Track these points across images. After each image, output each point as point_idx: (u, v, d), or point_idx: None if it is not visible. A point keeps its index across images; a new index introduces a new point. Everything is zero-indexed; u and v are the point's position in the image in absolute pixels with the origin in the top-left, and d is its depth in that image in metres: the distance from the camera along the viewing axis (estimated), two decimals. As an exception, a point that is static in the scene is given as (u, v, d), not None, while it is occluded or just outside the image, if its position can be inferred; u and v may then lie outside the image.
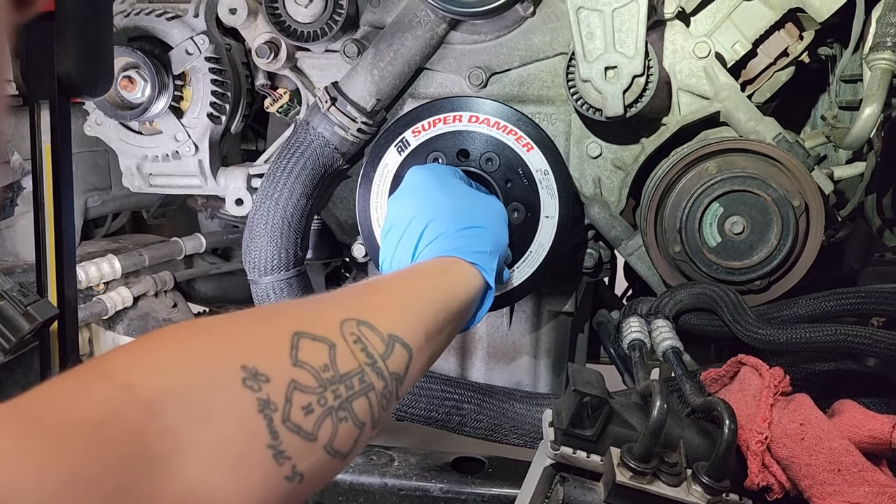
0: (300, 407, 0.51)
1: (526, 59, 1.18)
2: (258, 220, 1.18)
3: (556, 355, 1.37)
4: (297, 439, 0.51)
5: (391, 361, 0.62)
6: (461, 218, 0.90)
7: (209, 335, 0.52)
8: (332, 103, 1.17)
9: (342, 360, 0.57)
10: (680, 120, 1.15)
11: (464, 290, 0.82)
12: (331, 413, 0.54)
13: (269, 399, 0.49)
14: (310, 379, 0.53)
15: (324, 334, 0.57)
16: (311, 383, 0.53)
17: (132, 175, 1.34)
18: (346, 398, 0.56)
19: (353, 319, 0.61)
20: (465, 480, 1.19)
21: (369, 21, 1.21)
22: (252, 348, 0.52)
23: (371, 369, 0.59)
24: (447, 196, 0.94)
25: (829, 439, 0.78)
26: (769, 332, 0.95)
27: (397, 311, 0.68)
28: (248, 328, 0.55)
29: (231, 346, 0.52)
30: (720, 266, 1.06)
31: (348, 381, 0.56)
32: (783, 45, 1.19)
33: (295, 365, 0.53)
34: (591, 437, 0.81)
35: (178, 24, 1.26)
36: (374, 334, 0.61)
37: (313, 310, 0.62)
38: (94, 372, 0.45)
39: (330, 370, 0.55)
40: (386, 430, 2.45)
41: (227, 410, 0.47)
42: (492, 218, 0.95)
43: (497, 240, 0.93)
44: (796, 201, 1.03)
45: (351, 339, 0.59)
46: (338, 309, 0.62)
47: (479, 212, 0.94)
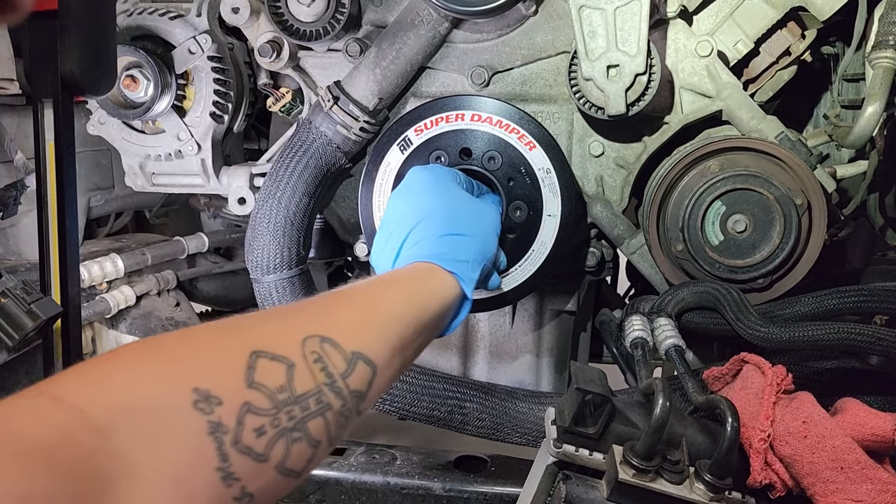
0: (252, 429, 0.51)
1: (528, 57, 1.18)
2: (261, 219, 1.18)
3: (558, 354, 1.37)
4: (248, 461, 0.51)
5: (352, 379, 0.61)
6: (447, 223, 0.90)
7: (161, 356, 0.52)
8: (334, 102, 1.17)
9: (300, 380, 0.56)
10: (682, 118, 1.15)
11: (438, 301, 0.80)
12: (284, 434, 0.54)
13: (221, 422, 0.49)
14: (264, 401, 0.53)
15: (283, 353, 0.56)
16: (265, 405, 0.53)
17: (135, 174, 1.34)
18: (301, 419, 0.55)
19: (317, 336, 0.60)
20: (467, 479, 1.19)
21: (371, 20, 1.21)
22: (206, 370, 0.51)
23: (329, 389, 0.59)
24: (439, 199, 0.93)
25: (832, 437, 0.78)
26: (772, 330, 0.95)
27: (363, 327, 0.67)
28: (205, 348, 0.54)
29: (184, 367, 0.51)
30: (723, 264, 1.06)
31: (304, 401, 0.56)
32: (785, 44, 1.19)
33: (249, 387, 0.52)
34: (594, 435, 0.81)
35: (181, 23, 1.26)
36: (336, 352, 0.61)
37: (276, 326, 0.61)
38: (45, 396, 0.44)
39: (286, 391, 0.55)
40: (388, 429, 2.46)
41: (177, 433, 0.47)
42: (480, 226, 0.94)
43: (481, 249, 0.92)
44: (799, 200, 1.03)
45: (311, 358, 0.58)
46: (302, 324, 0.62)
47: (467, 218, 0.93)
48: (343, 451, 1.27)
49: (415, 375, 1.20)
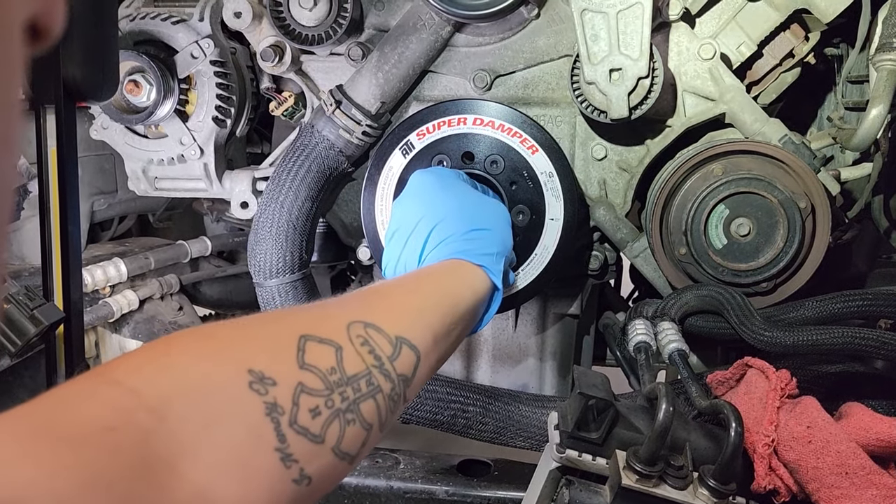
0: (307, 410, 0.51)
1: (530, 61, 1.18)
2: (263, 223, 1.18)
3: (561, 358, 1.36)
4: (305, 442, 0.51)
5: (399, 363, 0.62)
6: (467, 220, 0.90)
7: (215, 340, 0.52)
8: (336, 106, 1.17)
9: (349, 362, 0.57)
10: (685, 122, 1.15)
11: (471, 293, 0.82)
12: (338, 415, 0.54)
13: (276, 402, 0.49)
14: (317, 381, 0.53)
15: (330, 337, 0.57)
16: (319, 386, 0.53)
17: (138, 179, 1.34)
18: (354, 400, 0.56)
19: (360, 322, 0.61)
20: (470, 483, 1.19)
21: (374, 24, 1.21)
22: (258, 352, 0.52)
23: (378, 371, 0.59)
24: (453, 198, 0.93)
25: (837, 442, 0.78)
26: (776, 334, 0.95)
27: (404, 314, 0.68)
28: (255, 332, 0.55)
29: (237, 349, 0.52)
30: (726, 268, 1.05)
31: (355, 383, 0.56)
32: (789, 47, 1.19)
33: (302, 368, 0.53)
34: (597, 440, 0.81)
35: (184, 27, 1.26)
36: (381, 336, 0.61)
37: (319, 313, 0.62)
38: (102, 378, 0.45)
39: (337, 372, 0.55)
40: (391, 432, 2.45)
41: (234, 414, 0.47)
42: (497, 220, 0.95)
43: (503, 241, 0.93)
44: (802, 203, 1.02)
45: (358, 342, 0.59)
46: (344, 312, 0.62)
47: (485, 214, 0.93)
48: (346, 455, 1.26)
49: (418, 379, 1.20)
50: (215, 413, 0.46)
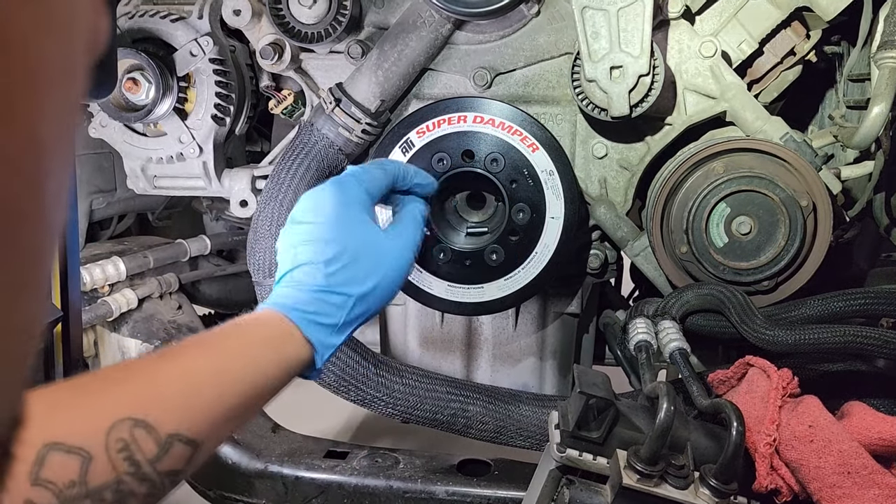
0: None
1: (531, 59, 1.18)
2: (263, 221, 1.17)
3: (561, 357, 1.36)
4: None
5: (164, 463, 0.58)
6: (334, 277, 0.78)
7: None
8: (336, 104, 1.17)
9: (96, 472, 0.54)
10: (686, 120, 1.15)
11: (286, 367, 0.73)
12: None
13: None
14: (49, 498, 0.51)
15: (82, 445, 0.54)
16: (49, 502, 0.51)
17: (137, 177, 1.34)
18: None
19: (130, 420, 0.57)
20: (470, 483, 1.18)
21: (373, 22, 1.21)
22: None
23: (133, 477, 0.56)
24: (336, 234, 0.80)
25: (839, 441, 0.77)
26: (777, 333, 0.94)
27: (195, 406, 0.62)
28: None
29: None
30: (727, 267, 1.05)
31: (98, 494, 0.54)
32: (790, 45, 1.19)
33: (34, 484, 0.51)
34: (598, 440, 0.81)
35: (183, 25, 1.26)
36: (148, 438, 0.57)
37: (85, 410, 0.56)
38: None
39: (76, 486, 0.53)
40: (390, 432, 2.45)
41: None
42: (368, 280, 0.81)
43: (366, 307, 0.81)
44: (804, 201, 1.02)
45: (115, 447, 0.55)
46: (118, 405, 0.57)
47: (359, 272, 0.80)
48: (346, 454, 1.26)
49: (418, 379, 1.20)
50: None
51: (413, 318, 1.37)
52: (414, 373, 1.21)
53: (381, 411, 1.20)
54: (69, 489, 0.52)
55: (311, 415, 1.90)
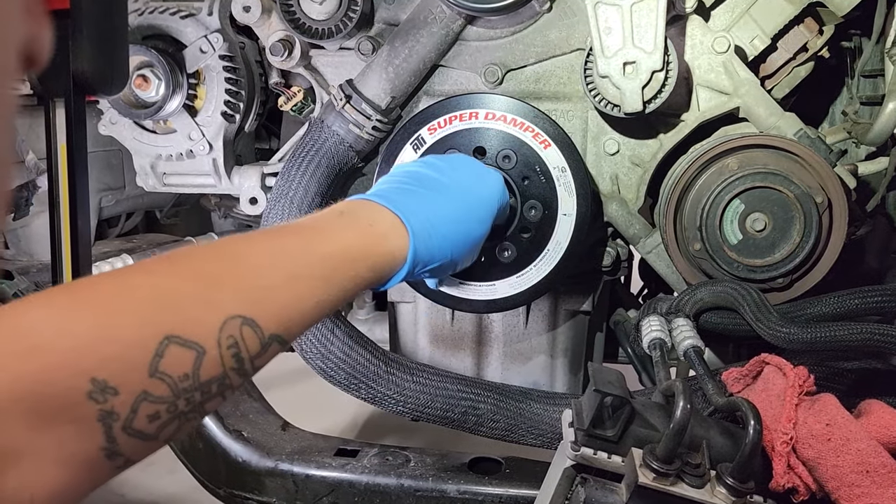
0: (145, 415, 0.52)
1: (542, 55, 1.17)
2: (273, 219, 1.17)
3: (573, 355, 1.35)
4: (136, 441, 0.52)
5: (262, 359, 0.61)
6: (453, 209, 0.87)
7: (69, 333, 0.51)
8: (346, 101, 1.16)
9: (207, 367, 0.56)
10: (699, 116, 1.14)
11: (376, 281, 0.79)
12: (178, 417, 0.54)
13: (113, 410, 0.50)
14: (164, 389, 0.53)
15: (197, 338, 0.55)
16: (164, 393, 0.53)
17: (146, 174, 1.34)
18: (200, 402, 0.56)
19: (240, 318, 0.59)
20: (482, 481, 1.18)
21: (384, 18, 1.20)
22: (110, 359, 0.51)
23: (236, 373, 0.58)
24: (471, 212, 0.91)
25: (857, 440, 0.76)
26: (793, 330, 0.94)
27: (296, 312, 0.65)
28: (116, 332, 0.53)
29: (89, 355, 0.50)
30: (741, 264, 1.04)
31: (207, 387, 0.56)
32: (803, 40, 1.18)
33: (152, 376, 0.52)
34: (613, 438, 0.80)
35: (192, 22, 1.26)
36: (254, 336, 0.60)
37: (202, 303, 0.59)
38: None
39: (189, 379, 0.54)
40: (398, 429, 2.44)
41: (65, 419, 0.48)
42: (459, 251, 0.89)
43: (454, 256, 0.88)
44: (819, 198, 1.01)
45: (226, 344, 0.57)
46: (231, 302, 0.60)
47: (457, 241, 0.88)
48: (356, 452, 1.26)
49: (428, 376, 1.19)
50: (45, 418, 0.47)
51: (423, 315, 1.36)
52: (424, 370, 1.21)
53: (392, 409, 1.19)
54: (182, 382, 0.54)
55: (318, 411, 1.90)
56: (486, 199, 0.94)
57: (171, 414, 0.53)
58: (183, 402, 0.54)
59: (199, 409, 0.56)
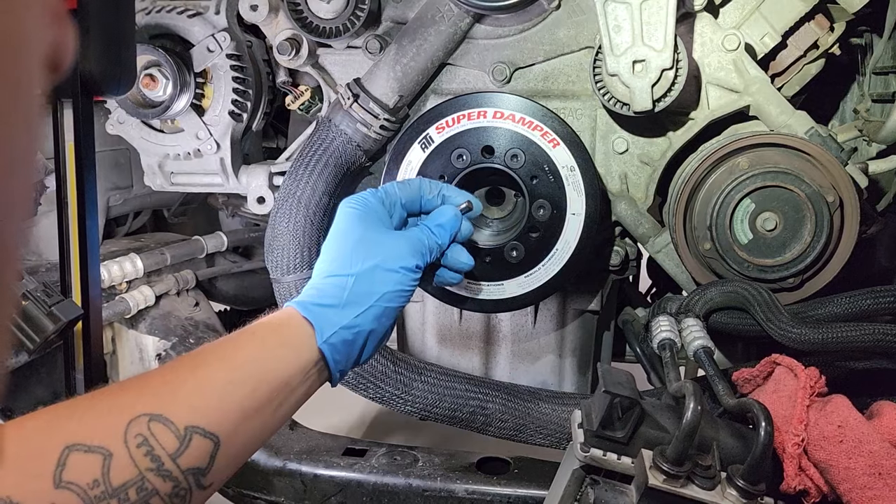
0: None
1: (550, 53, 1.16)
2: (280, 218, 1.17)
3: (581, 354, 1.35)
4: None
5: (186, 458, 0.59)
6: (332, 262, 0.80)
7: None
8: (354, 100, 1.16)
9: (118, 470, 0.55)
10: (709, 114, 1.13)
11: (295, 361, 0.72)
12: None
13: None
14: (73, 499, 0.52)
15: (101, 442, 0.55)
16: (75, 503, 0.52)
17: (154, 173, 1.34)
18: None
19: (145, 415, 0.57)
20: (490, 481, 1.18)
21: (391, 17, 1.20)
22: (11, 473, 0.51)
23: (155, 474, 0.57)
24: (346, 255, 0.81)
25: (869, 442, 0.76)
26: (804, 331, 0.93)
27: (200, 397, 0.62)
28: (17, 448, 0.53)
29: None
30: (752, 263, 1.03)
31: (123, 492, 0.55)
32: (813, 38, 1.17)
33: (57, 487, 0.51)
34: (622, 439, 0.80)
35: (200, 21, 1.25)
36: (166, 431, 0.58)
37: (101, 410, 0.58)
38: None
39: (101, 485, 0.53)
40: (405, 428, 2.44)
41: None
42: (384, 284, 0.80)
43: (371, 288, 0.79)
44: (830, 197, 1.00)
45: (135, 443, 0.56)
46: (132, 403, 0.59)
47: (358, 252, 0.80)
48: (364, 452, 1.26)
49: (436, 376, 1.19)
50: None
51: (431, 315, 1.36)
52: (432, 370, 1.20)
53: (400, 409, 1.19)
54: (92, 489, 0.53)
55: (326, 411, 1.90)
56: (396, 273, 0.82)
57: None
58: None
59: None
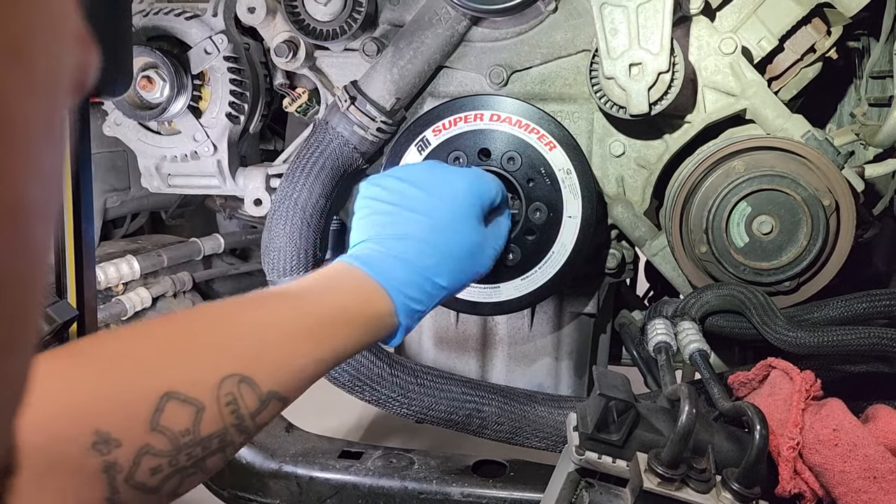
0: (148, 468, 0.53)
1: (547, 56, 1.17)
2: (277, 220, 1.17)
3: (577, 357, 1.35)
4: (139, 494, 0.53)
5: (262, 417, 0.62)
6: (438, 265, 0.83)
7: (72, 391, 0.53)
8: (351, 102, 1.16)
9: (207, 422, 0.57)
10: (705, 118, 1.13)
11: (372, 342, 0.78)
12: (180, 471, 0.56)
13: (116, 462, 0.51)
14: (165, 443, 0.54)
15: (196, 395, 0.57)
16: (165, 447, 0.54)
17: (151, 175, 1.34)
18: (201, 457, 0.57)
19: (236, 376, 0.61)
20: (486, 484, 1.17)
21: (389, 19, 1.20)
22: (112, 411, 0.53)
23: (236, 429, 0.60)
24: (454, 232, 0.86)
25: (864, 445, 0.76)
26: (799, 334, 0.93)
27: (291, 369, 0.66)
28: (118, 387, 0.55)
29: (92, 407, 0.53)
30: (748, 267, 1.04)
31: (207, 442, 0.57)
32: (810, 41, 1.17)
33: (153, 430, 0.54)
34: (617, 442, 0.79)
35: (197, 23, 1.25)
36: (252, 393, 0.61)
37: (197, 362, 0.60)
38: None
39: (190, 434, 0.56)
40: (402, 431, 2.44)
41: (71, 470, 0.49)
42: (462, 278, 0.88)
43: (442, 299, 0.86)
44: (826, 200, 1.00)
45: (224, 401, 0.59)
46: (225, 361, 0.61)
47: (457, 268, 0.86)
48: (360, 454, 1.26)
49: (432, 379, 1.19)
50: (52, 467, 0.48)
51: (427, 317, 1.35)
52: (429, 373, 1.20)
53: (396, 411, 1.19)
54: (183, 436, 0.56)
55: (322, 413, 1.89)
56: (469, 213, 0.88)
57: (172, 468, 0.55)
58: (184, 457, 0.56)
59: (200, 465, 0.57)
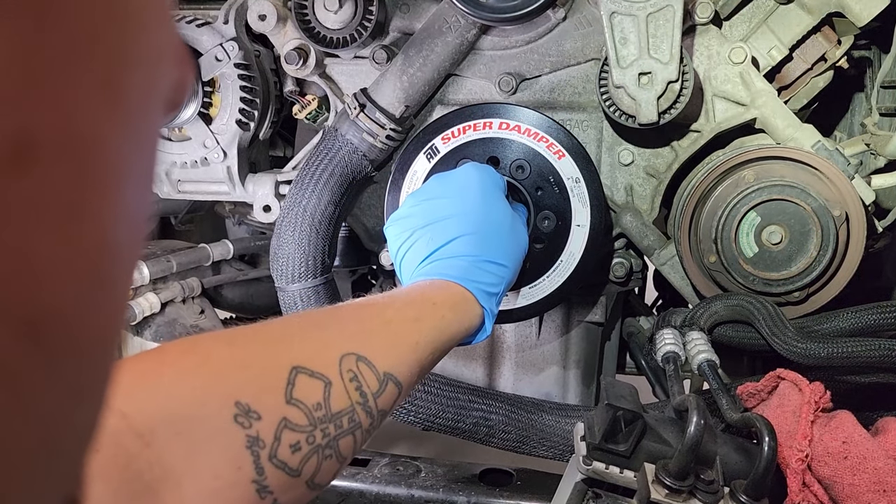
0: (288, 445, 0.53)
1: (557, 64, 1.17)
2: (286, 227, 1.17)
3: (585, 366, 1.34)
4: (282, 475, 0.53)
5: (382, 400, 0.63)
6: (491, 247, 0.88)
7: (207, 365, 0.53)
8: (360, 110, 1.16)
9: (336, 398, 0.58)
10: (715, 127, 1.13)
11: (465, 332, 0.81)
12: (317, 451, 0.56)
13: (259, 436, 0.51)
14: (301, 417, 0.55)
15: (321, 370, 0.58)
16: (302, 422, 0.55)
17: (161, 181, 1.34)
18: (334, 437, 0.57)
19: (354, 355, 0.62)
20: (493, 493, 1.17)
21: (399, 27, 1.20)
22: (248, 383, 0.53)
23: (362, 408, 0.61)
24: (488, 214, 0.91)
25: (874, 458, 0.75)
26: (809, 345, 0.92)
27: (399, 349, 0.68)
28: (248, 359, 0.56)
29: (227, 379, 0.53)
30: (757, 277, 1.03)
31: (338, 419, 0.58)
32: (821, 51, 1.16)
33: (288, 403, 0.54)
34: (625, 453, 0.79)
35: (208, 30, 1.26)
36: (371, 372, 0.63)
37: (317, 340, 0.63)
38: None
39: (322, 409, 0.57)
40: (409, 438, 2.43)
41: (216, 446, 0.49)
42: (517, 255, 0.93)
43: (511, 280, 0.91)
44: (837, 211, 1.00)
45: (347, 377, 0.60)
46: (341, 341, 0.63)
47: (509, 245, 0.91)
48: (367, 462, 1.25)
49: (440, 386, 1.19)
50: (199, 443, 0.48)
51: (435, 324, 1.36)
52: (436, 380, 1.20)
53: (403, 419, 1.19)
54: (317, 411, 0.56)
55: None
56: (493, 193, 0.95)
57: (310, 445, 0.55)
58: (319, 434, 0.56)
59: (334, 446, 0.57)
